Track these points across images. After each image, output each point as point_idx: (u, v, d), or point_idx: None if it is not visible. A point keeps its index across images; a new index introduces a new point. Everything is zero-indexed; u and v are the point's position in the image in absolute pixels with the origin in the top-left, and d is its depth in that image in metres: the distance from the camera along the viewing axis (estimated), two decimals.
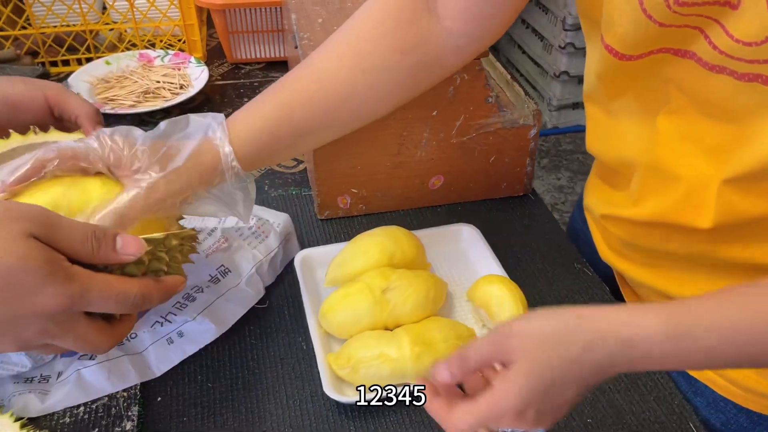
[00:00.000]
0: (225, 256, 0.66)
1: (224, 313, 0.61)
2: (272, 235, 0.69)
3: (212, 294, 0.62)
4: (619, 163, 0.60)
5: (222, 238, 0.67)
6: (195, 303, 0.61)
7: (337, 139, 0.71)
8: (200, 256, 0.65)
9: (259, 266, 0.66)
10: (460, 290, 0.68)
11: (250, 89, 1.07)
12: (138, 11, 1.07)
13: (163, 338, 0.59)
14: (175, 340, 0.59)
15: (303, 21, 0.75)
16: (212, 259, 0.65)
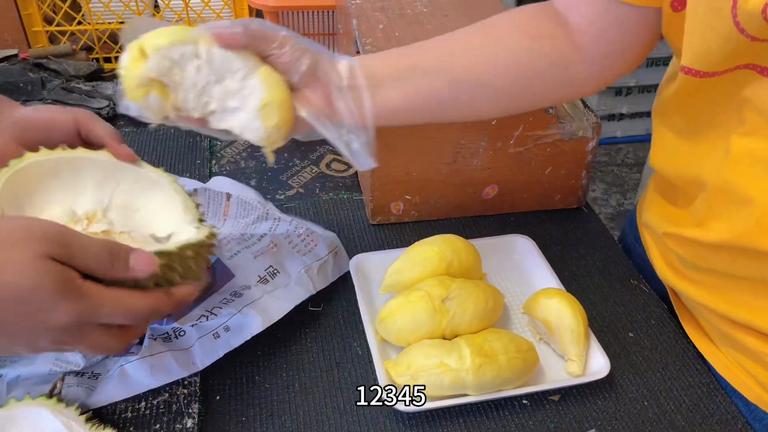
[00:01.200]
0: (275, 258, 0.66)
1: (271, 307, 0.62)
2: (321, 244, 0.70)
3: (260, 291, 0.63)
4: (685, 181, 0.59)
5: (271, 243, 0.68)
6: (242, 298, 0.62)
7: (392, 144, 0.72)
8: (249, 257, 0.66)
9: (309, 269, 0.66)
10: (515, 302, 0.67)
11: None
12: (192, 11, 1.09)
13: (210, 333, 0.59)
14: (221, 334, 0.59)
15: (364, 26, 0.76)
16: (261, 260, 0.66)
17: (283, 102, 0.52)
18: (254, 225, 0.70)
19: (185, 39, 0.49)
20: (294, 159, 0.91)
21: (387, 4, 0.82)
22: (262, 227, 0.70)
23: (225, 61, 0.50)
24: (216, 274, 0.63)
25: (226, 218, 0.71)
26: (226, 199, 0.72)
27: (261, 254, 0.66)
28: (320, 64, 0.53)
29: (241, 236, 0.68)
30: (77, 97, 0.98)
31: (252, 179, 0.87)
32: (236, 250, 0.66)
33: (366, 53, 0.70)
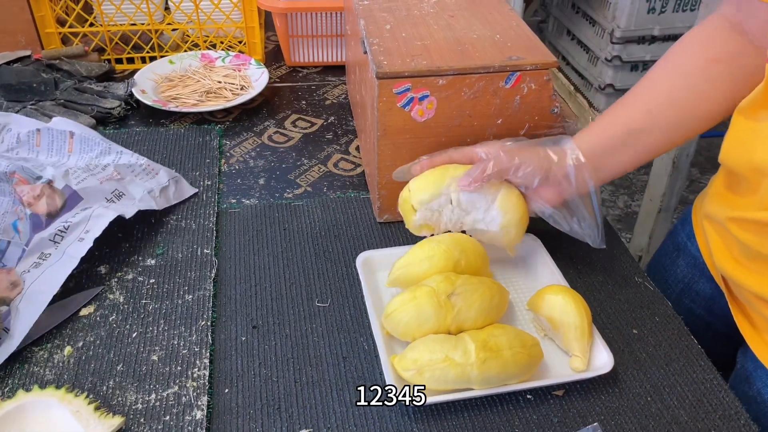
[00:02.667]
0: (119, 184, 0.75)
1: (122, 207, 0.71)
2: (162, 172, 0.80)
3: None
4: (757, 170, 0.60)
5: (115, 171, 0.77)
6: (92, 209, 0.70)
7: (400, 144, 0.73)
8: (95, 183, 0.74)
9: (151, 191, 0.77)
10: (520, 298, 0.68)
11: (307, 92, 1.09)
12: (202, 12, 1.10)
13: (75, 240, 0.67)
14: (84, 237, 0.67)
15: (372, 27, 0.77)
16: (107, 185, 0.75)
17: (520, 219, 0.67)
18: (98, 158, 0.79)
19: (440, 192, 0.66)
20: (302, 158, 0.92)
21: (394, 5, 0.83)
22: (106, 159, 0.79)
23: (470, 201, 0.66)
24: (66, 197, 0.71)
25: (71, 154, 0.80)
26: (69, 136, 0.80)
27: (106, 180, 0.75)
28: (551, 172, 0.65)
29: (87, 166, 0.77)
30: (89, 97, 0.99)
31: (261, 177, 0.88)
32: (83, 177, 0.74)
33: (373, 53, 0.71)
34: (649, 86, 0.67)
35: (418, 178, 0.68)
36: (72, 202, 0.71)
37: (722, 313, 0.71)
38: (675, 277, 0.79)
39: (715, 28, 0.66)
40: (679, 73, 0.65)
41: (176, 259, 0.72)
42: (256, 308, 0.67)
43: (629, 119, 0.66)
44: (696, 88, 0.64)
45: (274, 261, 0.73)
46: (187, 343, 0.62)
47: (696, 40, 0.66)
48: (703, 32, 0.66)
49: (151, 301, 0.67)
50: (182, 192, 0.81)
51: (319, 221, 0.80)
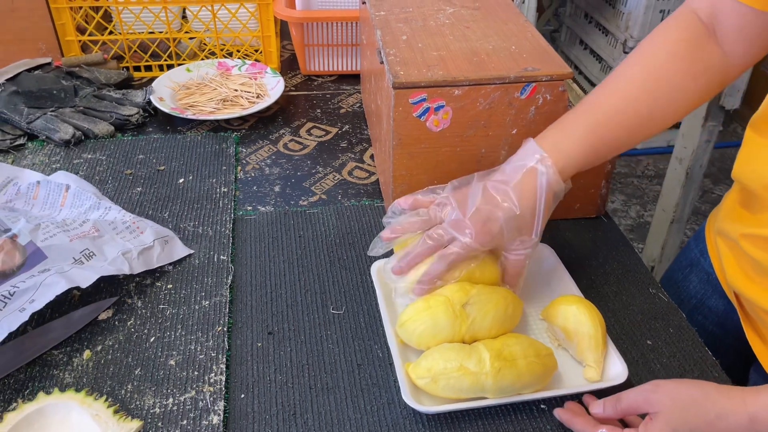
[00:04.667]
0: (93, 243, 0.70)
1: (76, 275, 0.64)
2: (148, 231, 0.74)
3: (69, 267, 0.65)
4: (764, 186, 0.61)
5: (93, 228, 0.72)
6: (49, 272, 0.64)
7: (415, 153, 0.73)
8: (65, 240, 0.69)
9: (127, 252, 0.70)
10: (534, 308, 0.68)
11: (322, 101, 1.10)
12: (220, 21, 1.11)
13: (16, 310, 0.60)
14: (26, 307, 0.60)
15: (388, 37, 0.78)
16: (77, 243, 0.69)
17: None
18: (86, 213, 0.76)
19: None
20: (317, 166, 0.93)
21: (410, 16, 0.83)
22: (93, 214, 0.75)
23: None
24: (27, 254, 0.67)
25: (62, 208, 0.77)
26: (65, 190, 0.78)
27: (78, 238, 0.70)
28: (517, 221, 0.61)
29: (63, 221, 0.72)
30: (108, 104, 1.01)
31: (276, 185, 0.89)
32: (54, 233, 0.70)
33: (390, 63, 0.72)
34: (618, 81, 0.64)
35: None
36: (33, 260, 0.66)
37: (735, 330, 0.71)
38: (688, 293, 0.79)
39: (686, 25, 0.64)
40: (646, 68, 0.63)
41: (193, 265, 0.73)
42: (272, 314, 0.68)
43: (599, 114, 0.63)
44: (662, 81, 0.62)
45: (290, 268, 0.74)
46: (204, 348, 0.63)
47: (663, 36, 0.65)
48: (671, 29, 0.65)
49: (169, 306, 0.68)
50: (172, 253, 0.73)
51: (334, 229, 0.80)
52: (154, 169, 0.90)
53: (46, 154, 0.92)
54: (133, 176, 0.88)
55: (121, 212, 0.76)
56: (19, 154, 0.92)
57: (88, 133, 0.96)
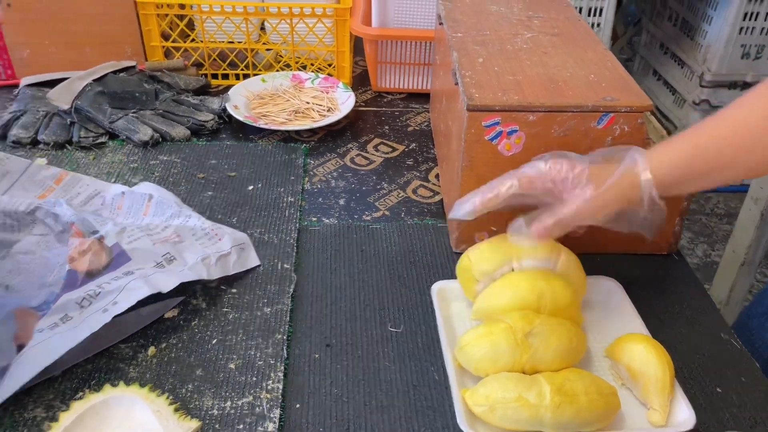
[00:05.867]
0: (174, 248, 0.72)
1: (158, 280, 0.66)
2: (226, 239, 0.76)
3: (152, 271, 0.68)
4: None
5: (175, 234, 0.74)
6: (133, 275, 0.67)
7: (484, 176, 0.73)
8: (148, 244, 0.71)
9: (206, 258, 0.71)
10: (598, 344, 0.66)
11: (391, 117, 1.11)
12: (297, 35, 1.14)
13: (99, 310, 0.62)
14: (109, 308, 0.62)
15: (464, 59, 0.78)
16: (160, 247, 0.72)
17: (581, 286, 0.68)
18: (168, 220, 0.77)
19: (503, 262, 0.65)
20: (382, 182, 0.94)
21: (487, 39, 0.83)
22: (175, 222, 0.77)
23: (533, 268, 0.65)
24: (113, 255, 0.69)
25: (145, 216, 0.79)
26: (147, 200, 0.80)
27: (160, 242, 0.72)
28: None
29: (146, 225, 0.75)
30: (186, 109, 1.05)
31: (341, 198, 0.90)
32: (137, 236, 0.72)
33: (465, 85, 0.72)
34: (742, 111, 0.61)
35: (478, 247, 0.67)
36: (118, 262, 0.68)
37: None
38: (763, 342, 0.75)
39: None
40: None
41: (257, 272, 0.75)
42: (331, 327, 0.68)
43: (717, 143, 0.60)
44: None
45: (350, 282, 0.75)
46: (263, 354, 0.64)
47: None
48: None
49: (232, 310, 0.69)
50: (245, 262, 0.75)
51: (396, 246, 0.80)
52: (225, 174, 0.92)
53: (125, 153, 0.96)
54: (205, 180, 0.91)
55: (201, 219, 0.78)
56: (100, 151, 0.97)
57: (166, 136, 1.00)
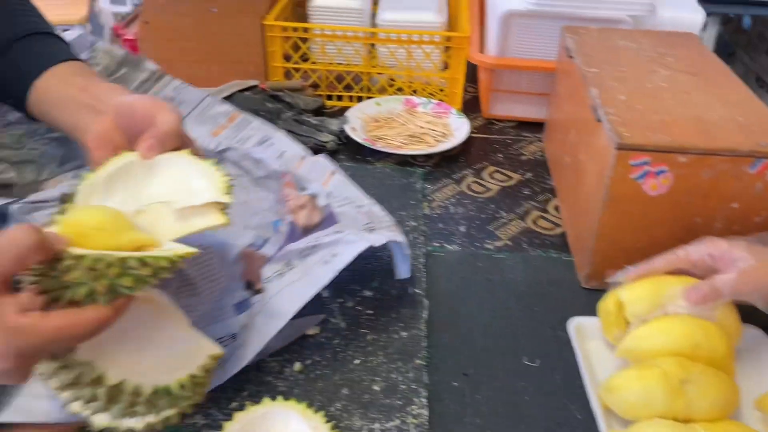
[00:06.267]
0: (371, 219, 0.74)
1: (372, 237, 0.68)
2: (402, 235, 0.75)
3: None
4: None
5: (370, 211, 0.76)
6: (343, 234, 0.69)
7: (625, 214, 0.72)
8: (353, 211, 0.74)
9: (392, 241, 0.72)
10: (747, 395, 0.64)
11: (503, 145, 1.11)
12: (412, 59, 1.17)
13: (320, 261, 0.67)
14: (329, 260, 0.67)
15: (605, 96, 0.78)
16: (363, 216, 0.74)
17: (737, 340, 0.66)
18: (346, 201, 0.78)
19: (657, 304, 0.64)
20: (500, 211, 0.94)
21: (624, 75, 0.83)
22: (361, 204, 0.78)
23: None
24: (324, 215, 0.71)
25: (325, 188, 0.79)
26: (330, 173, 0.80)
27: (362, 213, 0.74)
28: None
29: (346, 197, 0.77)
30: (307, 129, 1.08)
31: (461, 225, 0.91)
32: (342, 204, 0.74)
33: (611, 123, 0.72)
34: None
35: (630, 287, 0.67)
36: (328, 223, 0.72)
37: None
38: None
39: None
40: None
41: (390, 294, 0.76)
42: (466, 356, 0.69)
43: None
44: None
45: (480, 311, 0.75)
46: (405, 378, 0.65)
47: None
48: None
49: (369, 331, 0.71)
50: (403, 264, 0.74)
51: (522, 278, 0.81)
52: None
53: None
54: None
55: (383, 211, 0.78)
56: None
57: None
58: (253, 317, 0.65)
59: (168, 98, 0.79)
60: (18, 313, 0.40)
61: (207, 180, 0.54)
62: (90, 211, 0.46)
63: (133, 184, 0.54)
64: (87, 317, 0.42)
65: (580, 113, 0.85)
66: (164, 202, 0.53)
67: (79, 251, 0.42)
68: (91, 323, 0.42)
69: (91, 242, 0.44)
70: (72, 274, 0.41)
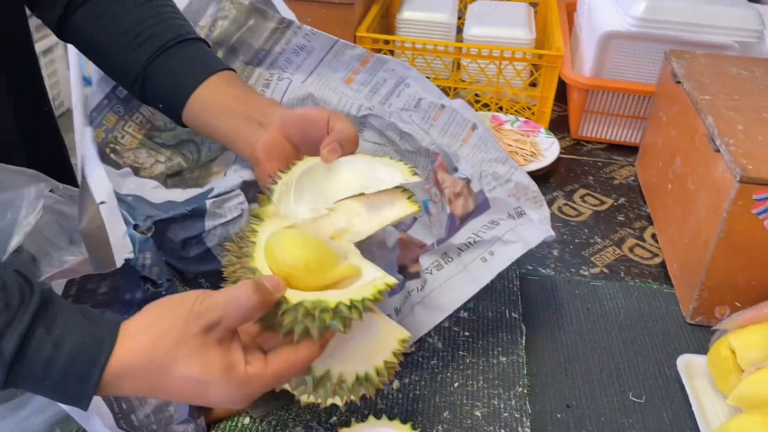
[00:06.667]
0: (518, 201, 0.71)
1: (527, 236, 0.67)
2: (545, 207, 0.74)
3: (511, 224, 0.69)
4: None
5: (515, 188, 0.72)
6: (499, 227, 0.68)
7: (741, 250, 0.69)
8: (503, 194, 0.71)
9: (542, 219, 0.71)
10: None
11: (593, 168, 1.09)
12: (503, 77, 1.15)
13: (477, 258, 0.67)
14: (487, 258, 0.67)
15: (722, 125, 0.74)
16: (512, 200, 0.71)
17: None
18: (491, 163, 0.74)
19: None
20: (594, 236, 0.92)
21: (739, 105, 0.80)
22: (500, 169, 0.73)
23: None
24: (478, 202, 0.69)
25: (464, 144, 0.75)
26: (470, 128, 0.75)
27: (511, 195, 0.71)
28: None
29: (494, 173, 0.73)
30: None
31: (554, 248, 0.88)
32: (493, 186, 0.71)
33: (732, 154, 0.69)
34: None
35: (741, 333, 0.64)
36: (481, 209, 0.69)
37: None
38: None
39: None
40: None
41: (486, 317, 0.75)
42: (568, 386, 0.67)
43: None
44: None
45: (580, 340, 0.73)
46: (507, 406, 0.64)
47: None
48: None
49: (468, 354, 0.70)
50: None
51: (623, 309, 0.78)
52: None
53: None
54: None
55: (527, 178, 0.73)
56: None
57: None
58: (413, 307, 0.66)
59: (300, 46, 0.76)
60: (246, 364, 0.45)
61: (390, 168, 0.56)
62: (297, 251, 0.48)
63: (319, 185, 0.56)
64: (302, 358, 0.46)
65: (689, 141, 0.81)
66: (354, 197, 0.55)
67: (294, 297, 0.46)
68: (304, 362, 0.47)
69: (300, 282, 0.47)
70: (289, 317, 0.45)
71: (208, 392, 0.44)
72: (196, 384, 0.43)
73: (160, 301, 0.45)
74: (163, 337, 0.43)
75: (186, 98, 0.60)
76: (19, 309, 0.41)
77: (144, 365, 0.43)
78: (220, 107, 0.60)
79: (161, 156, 0.72)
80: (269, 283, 0.45)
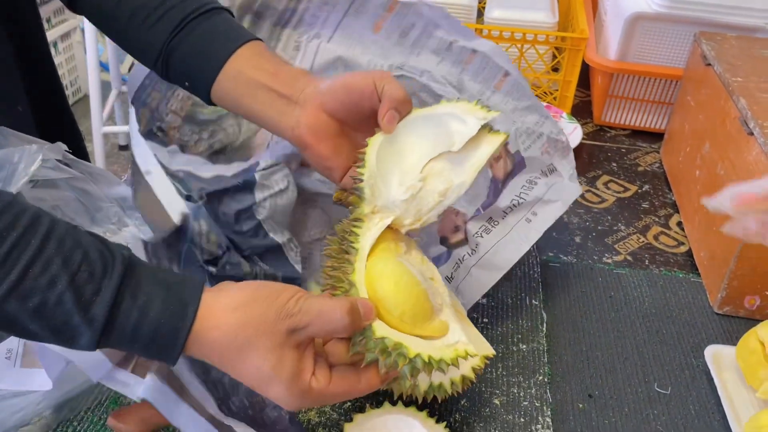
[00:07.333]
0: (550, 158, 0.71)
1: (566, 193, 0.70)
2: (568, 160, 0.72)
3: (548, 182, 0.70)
4: None
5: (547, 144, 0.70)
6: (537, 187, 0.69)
7: None
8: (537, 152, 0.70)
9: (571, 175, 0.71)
10: None
11: (617, 154, 1.06)
12: (525, 61, 1.12)
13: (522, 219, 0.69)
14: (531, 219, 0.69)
15: (756, 107, 0.72)
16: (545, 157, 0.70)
17: None
18: (522, 112, 0.70)
19: None
20: (618, 224, 0.89)
21: None
22: (529, 119, 0.70)
23: None
24: (515, 162, 0.68)
25: (496, 91, 0.71)
26: (503, 75, 0.71)
27: (544, 153, 0.70)
28: None
29: (528, 130, 0.70)
30: None
31: (576, 235, 0.86)
32: (528, 144, 0.69)
33: (765, 136, 0.66)
34: None
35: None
36: (517, 169, 0.69)
37: None
38: None
39: None
40: None
41: (506, 304, 0.73)
42: (590, 376, 0.65)
43: None
44: None
45: (603, 329, 0.71)
46: (527, 395, 0.62)
47: None
48: None
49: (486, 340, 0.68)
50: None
51: (648, 297, 0.75)
52: None
53: None
54: None
55: (556, 126, 0.70)
56: None
57: None
58: (468, 269, 0.67)
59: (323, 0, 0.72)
60: (312, 375, 0.46)
61: (457, 113, 0.53)
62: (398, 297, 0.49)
63: (396, 160, 0.54)
64: (361, 388, 0.47)
65: (720, 125, 0.79)
66: (438, 156, 0.54)
67: (379, 329, 0.46)
68: (362, 392, 0.48)
69: (389, 321, 0.48)
70: (368, 345, 0.46)
71: (269, 387, 0.45)
72: (263, 376, 0.44)
73: (260, 284, 0.46)
74: (251, 321, 0.44)
75: (214, 76, 0.56)
76: (104, 277, 0.41)
77: (226, 342, 0.44)
78: (249, 83, 0.56)
79: (204, 133, 0.71)
80: (363, 308, 0.46)
